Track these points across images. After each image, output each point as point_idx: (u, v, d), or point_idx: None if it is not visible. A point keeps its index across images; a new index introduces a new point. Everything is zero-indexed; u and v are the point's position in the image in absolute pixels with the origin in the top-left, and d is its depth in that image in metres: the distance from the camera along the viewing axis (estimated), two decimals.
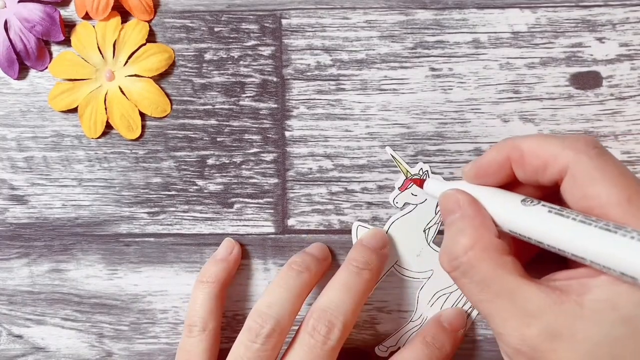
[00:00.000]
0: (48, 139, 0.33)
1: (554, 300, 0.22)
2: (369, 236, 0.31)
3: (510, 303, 0.23)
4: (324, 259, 0.31)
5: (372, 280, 0.30)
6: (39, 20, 0.31)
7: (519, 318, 0.23)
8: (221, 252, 0.32)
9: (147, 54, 0.32)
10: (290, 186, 0.33)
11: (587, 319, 0.22)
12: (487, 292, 0.24)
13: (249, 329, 0.28)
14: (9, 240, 0.34)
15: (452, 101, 0.32)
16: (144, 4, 0.32)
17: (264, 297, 0.29)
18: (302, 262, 0.30)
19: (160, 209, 0.33)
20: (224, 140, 0.33)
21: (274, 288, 0.29)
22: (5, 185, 0.34)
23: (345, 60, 0.32)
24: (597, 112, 0.31)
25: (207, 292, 0.31)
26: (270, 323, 0.28)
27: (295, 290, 0.29)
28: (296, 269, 0.30)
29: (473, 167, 0.27)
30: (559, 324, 0.22)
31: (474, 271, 0.24)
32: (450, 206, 0.27)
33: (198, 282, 0.31)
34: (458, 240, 0.25)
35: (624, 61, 0.31)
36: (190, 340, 0.30)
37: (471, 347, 0.33)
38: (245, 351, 0.28)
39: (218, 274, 0.31)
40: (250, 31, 0.32)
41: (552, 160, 0.24)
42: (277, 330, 0.28)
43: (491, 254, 0.24)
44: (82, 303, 0.34)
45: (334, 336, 0.28)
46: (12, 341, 0.34)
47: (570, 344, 0.22)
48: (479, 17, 0.31)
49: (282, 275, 0.30)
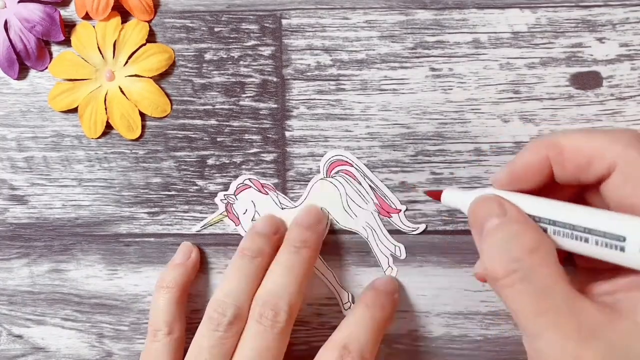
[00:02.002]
0: (48, 139, 0.33)
1: (609, 318, 0.21)
2: (303, 214, 0.31)
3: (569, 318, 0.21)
4: (274, 232, 0.31)
5: (312, 257, 0.30)
6: (39, 20, 0.31)
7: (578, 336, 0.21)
8: (179, 256, 0.32)
9: (147, 54, 0.32)
10: (290, 186, 0.33)
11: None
12: (546, 302, 0.22)
13: (210, 319, 0.28)
14: (9, 240, 0.34)
15: (452, 101, 0.32)
16: (144, 4, 0.32)
17: (221, 286, 0.30)
18: (253, 247, 0.30)
19: (160, 209, 0.33)
20: (224, 140, 0.33)
21: (230, 276, 0.30)
22: (5, 185, 0.34)
23: (345, 61, 0.32)
24: (597, 112, 0.31)
25: (168, 298, 0.31)
26: (231, 311, 0.28)
27: (250, 275, 0.29)
28: (249, 255, 0.30)
29: (506, 173, 0.25)
30: (616, 343, 0.21)
31: (535, 276, 0.22)
32: (494, 210, 0.24)
33: (158, 287, 0.31)
34: (519, 241, 0.23)
35: (624, 61, 0.31)
36: (155, 345, 0.30)
37: (471, 347, 0.33)
38: (207, 340, 0.28)
39: (177, 278, 0.31)
40: (250, 31, 0.32)
41: (598, 156, 0.22)
42: (238, 317, 0.28)
43: (555, 260, 0.22)
44: (82, 303, 0.34)
45: (282, 319, 0.28)
46: (12, 341, 0.34)
47: None
48: (479, 17, 0.31)
49: (236, 263, 0.30)
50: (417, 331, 0.33)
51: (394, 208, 0.32)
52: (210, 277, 0.33)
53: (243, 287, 0.29)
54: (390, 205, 0.32)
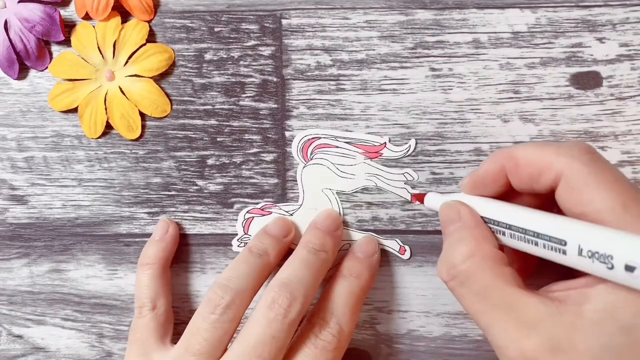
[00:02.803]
0: (48, 139, 0.33)
1: (553, 311, 0.22)
2: (323, 218, 0.31)
3: (508, 314, 0.23)
4: (284, 235, 0.31)
5: (328, 261, 0.30)
6: (39, 20, 0.31)
7: (518, 330, 0.23)
8: (158, 233, 0.32)
9: (147, 54, 0.32)
10: (290, 186, 0.33)
11: (587, 330, 0.21)
12: (485, 302, 0.24)
13: (209, 301, 0.28)
14: (9, 240, 0.34)
15: (452, 101, 0.32)
16: (144, 4, 0.32)
17: (224, 272, 0.29)
18: (261, 246, 0.30)
19: (160, 209, 0.33)
20: (224, 140, 0.33)
21: (235, 265, 0.29)
22: (5, 185, 0.34)
23: (345, 61, 0.32)
24: (597, 112, 0.31)
25: (150, 274, 0.31)
26: (230, 294, 0.28)
27: (255, 268, 0.29)
28: (255, 252, 0.30)
29: (470, 179, 0.27)
30: (559, 335, 0.22)
31: (471, 280, 0.24)
32: (451, 216, 0.27)
33: (139, 265, 0.32)
34: (457, 249, 0.25)
35: (624, 61, 0.31)
36: (141, 321, 0.30)
37: (471, 347, 0.33)
38: (202, 322, 0.28)
39: (157, 254, 0.31)
40: (250, 31, 0.32)
41: (546, 167, 0.24)
42: (236, 302, 0.28)
43: (490, 264, 0.24)
44: (82, 303, 0.34)
45: (295, 309, 0.27)
46: (12, 341, 0.34)
47: (570, 356, 0.21)
48: (479, 17, 0.31)
49: (242, 256, 0.30)
50: (417, 331, 0.33)
51: (378, 145, 0.32)
52: (210, 277, 0.33)
53: (245, 275, 0.29)
54: (373, 145, 0.32)
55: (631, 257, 0.20)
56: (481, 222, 0.26)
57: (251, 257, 0.30)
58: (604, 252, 0.21)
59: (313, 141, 0.32)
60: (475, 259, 0.24)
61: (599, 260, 0.21)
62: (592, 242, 0.21)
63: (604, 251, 0.21)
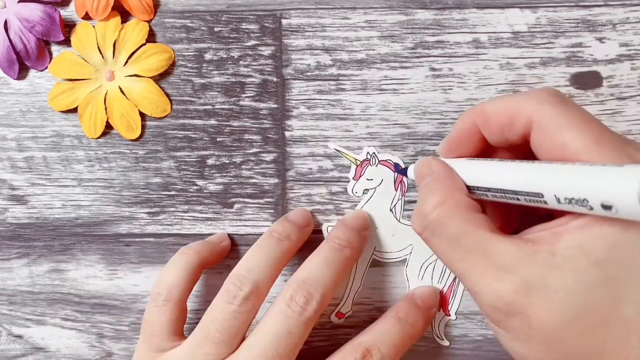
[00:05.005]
0: (48, 139, 0.33)
1: (526, 252, 0.22)
2: (352, 216, 0.31)
3: (482, 259, 0.23)
4: (305, 225, 0.31)
5: (352, 258, 0.30)
6: (39, 20, 0.31)
7: (492, 274, 0.22)
8: (212, 238, 0.33)
9: (147, 54, 0.32)
10: (290, 186, 0.33)
11: (560, 268, 0.21)
12: (458, 249, 0.24)
13: (227, 291, 0.28)
14: (9, 240, 0.34)
15: (452, 101, 0.32)
16: (144, 4, 0.32)
17: (242, 261, 0.29)
18: (283, 230, 0.30)
19: (160, 209, 0.33)
20: (224, 140, 0.33)
21: (254, 253, 0.29)
22: (5, 185, 0.34)
23: (345, 60, 0.32)
24: (597, 112, 0.31)
25: (184, 261, 0.30)
26: (249, 286, 0.28)
27: (274, 255, 0.29)
28: (276, 237, 0.30)
29: (445, 141, 0.28)
30: (533, 276, 0.22)
31: (442, 228, 0.24)
32: (424, 171, 0.27)
33: (179, 252, 0.31)
34: (428, 199, 0.25)
35: (624, 61, 0.31)
36: (155, 310, 0.29)
37: (471, 347, 0.33)
38: (221, 312, 0.28)
39: (202, 248, 0.31)
40: (250, 31, 0.32)
41: (516, 114, 0.24)
42: (254, 294, 0.28)
43: (461, 210, 0.24)
44: (82, 303, 0.34)
45: (312, 307, 0.27)
46: (12, 341, 0.34)
47: (544, 295, 0.21)
48: (479, 17, 0.31)
49: (262, 242, 0.30)
50: None
51: None
52: (210, 277, 0.33)
53: (264, 266, 0.29)
54: None
55: (605, 196, 0.20)
56: (452, 173, 0.26)
57: (272, 241, 0.29)
58: (579, 197, 0.20)
59: None
60: (445, 206, 0.24)
61: (577, 205, 0.21)
62: (566, 189, 0.21)
63: (578, 196, 0.20)
